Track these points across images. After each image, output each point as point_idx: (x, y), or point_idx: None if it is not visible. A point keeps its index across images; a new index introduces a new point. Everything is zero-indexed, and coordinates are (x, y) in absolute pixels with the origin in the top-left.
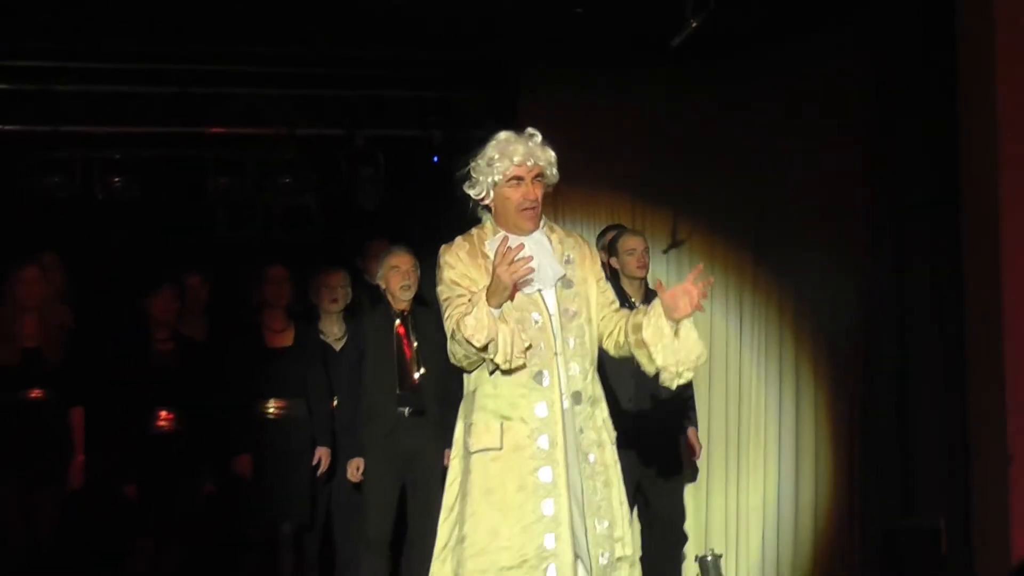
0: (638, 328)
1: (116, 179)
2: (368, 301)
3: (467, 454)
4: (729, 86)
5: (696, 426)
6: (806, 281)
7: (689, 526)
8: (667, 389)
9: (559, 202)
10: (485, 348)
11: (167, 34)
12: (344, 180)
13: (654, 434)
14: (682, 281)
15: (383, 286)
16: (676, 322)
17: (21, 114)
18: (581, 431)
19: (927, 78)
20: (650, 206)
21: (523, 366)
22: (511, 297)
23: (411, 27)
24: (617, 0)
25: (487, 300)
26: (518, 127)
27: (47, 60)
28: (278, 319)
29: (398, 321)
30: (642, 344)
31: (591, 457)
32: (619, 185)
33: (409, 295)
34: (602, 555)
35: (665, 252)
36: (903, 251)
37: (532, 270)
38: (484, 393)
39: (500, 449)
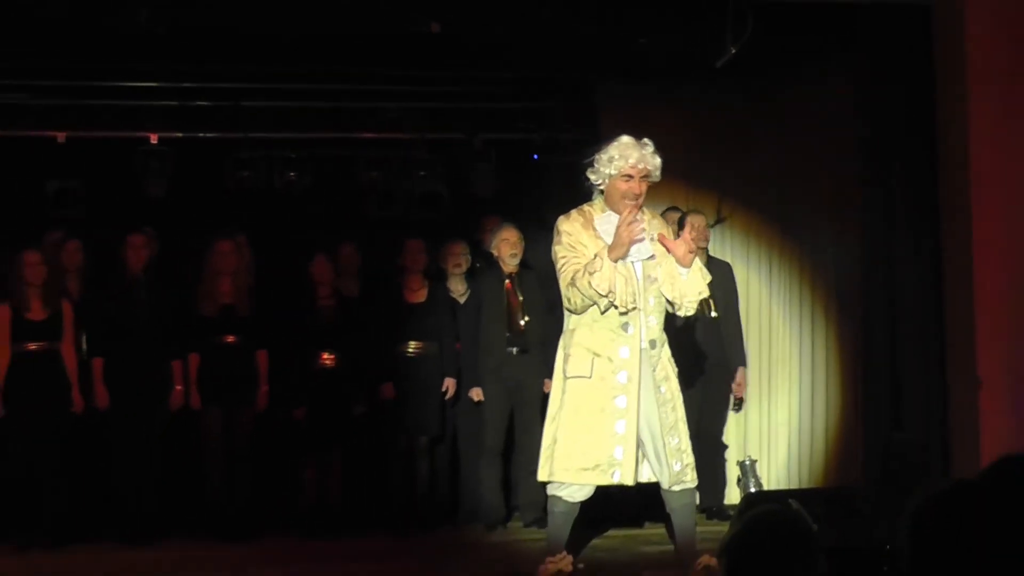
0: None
1: (292, 173)
2: (485, 265)
3: (565, 378)
4: (759, 97)
5: (746, 366)
6: (818, 246)
7: (731, 438)
8: (680, 317)
9: None
10: (606, 295)
11: (330, 61)
12: (465, 172)
13: (708, 368)
14: (723, 248)
15: (496, 253)
16: (687, 268)
17: (219, 124)
18: (654, 369)
19: (912, 90)
20: (699, 191)
21: (634, 307)
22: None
23: (516, 54)
24: (673, 31)
25: (609, 255)
26: (598, 131)
27: (238, 82)
28: (416, 280)
29: (507, 280)
30: (659, 284)
31: (662, 388)
32: (674, 174)
33: (516, 260)
34: (675, 464)
35: (712, 226)
36: (891, 224)
37: (644, 229)
38: (582, 333)
39: (590, 378)
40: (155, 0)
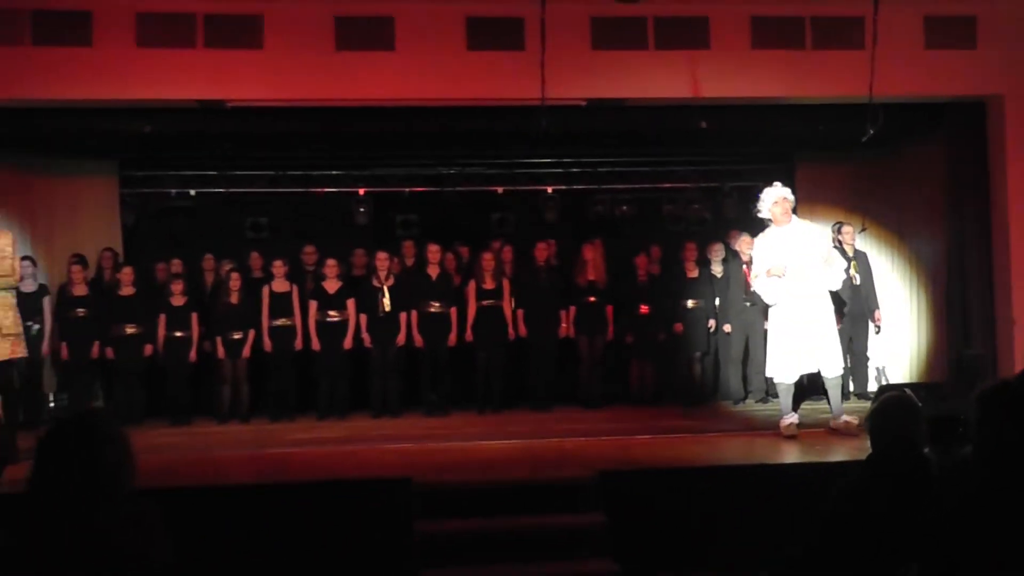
0: None
1: (623, 207)
2: (731, 256)
3: (777, 314)
4: (886, 157)
5: (879, 308)
6: (920, 245)
7: (872, 352)
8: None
9: (817, 210)
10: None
11: (645, 144)
12: (720, 205)
13: (854, 312)
14: (865, 245)
15: (737, 249)
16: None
17: (586, 180)
18: (815, 309)
19: (975, 151)
20: (852, 212)
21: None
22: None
23: (749, 137)
24: (838, 121)
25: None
26: (794, 181)
27: (596, 158)
28: (691, 264)
29: (744, 266)
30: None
31: (823, 319)
32: (837, 202)
33: (749, 254)
34: (827, 360)
35: (859, 233)
36: (962, 232)
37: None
38: (781, 288)
39: (790, 312)
40: (551, 115)
